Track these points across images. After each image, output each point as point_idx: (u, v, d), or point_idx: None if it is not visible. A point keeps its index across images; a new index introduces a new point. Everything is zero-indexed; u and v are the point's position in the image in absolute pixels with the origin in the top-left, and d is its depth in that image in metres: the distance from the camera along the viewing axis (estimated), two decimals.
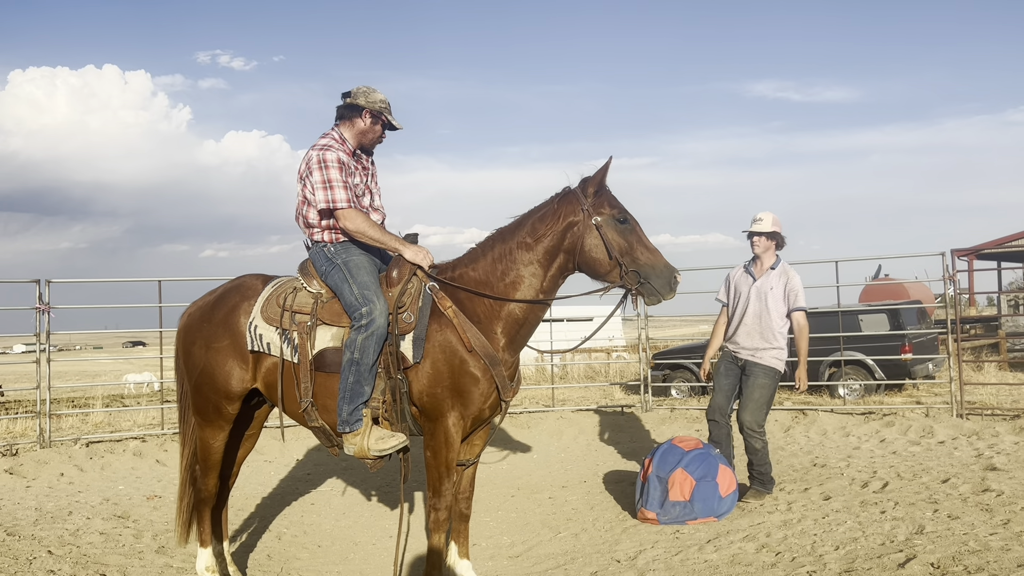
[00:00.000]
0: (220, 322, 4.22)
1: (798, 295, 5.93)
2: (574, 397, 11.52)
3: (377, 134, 4.21)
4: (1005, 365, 14.52)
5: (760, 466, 5.91)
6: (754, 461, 5.93)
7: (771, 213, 6.06)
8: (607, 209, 3.85)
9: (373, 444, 3.82)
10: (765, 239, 6.02)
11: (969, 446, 7.26)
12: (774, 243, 6.05)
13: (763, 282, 6.01)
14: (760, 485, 5.93)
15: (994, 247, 24.76)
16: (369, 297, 3.83)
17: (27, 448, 8.09)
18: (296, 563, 5.08)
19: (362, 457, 3.86)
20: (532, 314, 3.95)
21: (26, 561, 4.77)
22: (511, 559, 5.03)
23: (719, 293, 6.42)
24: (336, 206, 3.97)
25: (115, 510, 6.17)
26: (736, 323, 6.10)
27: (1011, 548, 4.15)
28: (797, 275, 6.03)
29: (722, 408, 6.06)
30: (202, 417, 4.29)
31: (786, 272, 6.02)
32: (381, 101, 4.12)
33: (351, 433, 3.84)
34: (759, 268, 6.09)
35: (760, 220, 6.03)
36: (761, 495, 5.88)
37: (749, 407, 5.87)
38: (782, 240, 6.09)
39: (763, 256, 6.07)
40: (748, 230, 6.08)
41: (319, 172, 3.98)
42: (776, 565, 4.35)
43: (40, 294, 8.30)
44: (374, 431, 3.84)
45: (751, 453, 5.91)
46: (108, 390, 18.67)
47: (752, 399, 5.87)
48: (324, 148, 4.04)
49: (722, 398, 6.08)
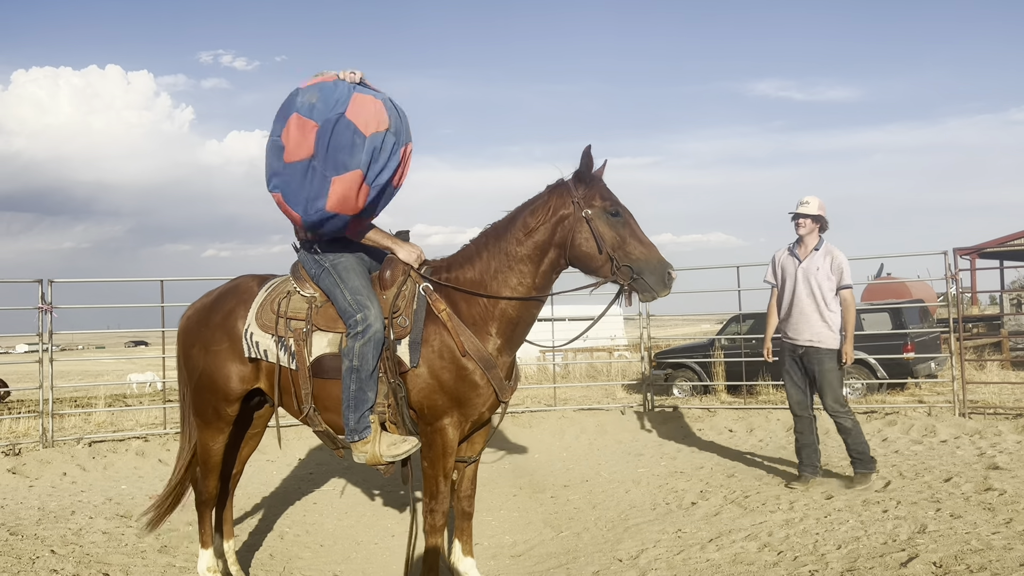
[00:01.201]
0: (217, 326, 4.20)
1: (843, 272, 6.05)
2: (576, 396, 11.52)
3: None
4: (1007, 364, 14.49)
5: (857, 445, 6.00)
6: (849, 442, 6.03)
7: (817, 197, 6.19)
8: (599, 201, 3.73)
9: (386, 450, 3.74)
10: (810, 221, 6.15)
11: (971, 445, 7.25)
12: (818, 226, 6.18)
13: (808, 263, 6.14)
14: (863, 467, 5.99)
15: (996, 246, 24.72)
16: (363, 303, 3.74)
17: (30, 448, 8.10)
18: (298, 562, 5.09)
19: (374, 464, 3.78)
20: (527, 312, 3.88)
21: (29, 560, 4.77)
22: (513, 558, 5.03)
23: (766, 275, 6.56)
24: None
25: (118, 510, 6.19)
26: (787, 307, 6.23)
27: (1014, 547, 4.14)
28: (842, 253, 6.13)
29: (801, 401, 6.24)
30: (202, 419, 4.29)
31: (830, 251, 6.13)
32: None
33: (360, 441, 3.76)
34: (803, 250, 6.22)
35: (806, 203, 6.16)
36: (867, 477, 5.93)
37: (827, 392, 6.03)
38: (826, 223, 6.22)
39: (807, 238, 6.20)
40: (794, 211, 6.21)
41: None
42: (778, 564, 4.35)
43: (43, 294, 8.31)
44: (384, 437, 3.78)
45: (844, 433, 6.04)
46: (110, 390, 18.68)
47: (827, 384, 6.02)
48: None
49: (797, 392, 6.25)
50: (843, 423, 6.01)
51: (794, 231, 6.26)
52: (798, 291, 6.13)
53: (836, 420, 6.04)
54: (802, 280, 6.12)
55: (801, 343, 6.12)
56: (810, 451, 6.22)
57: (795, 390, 6.24)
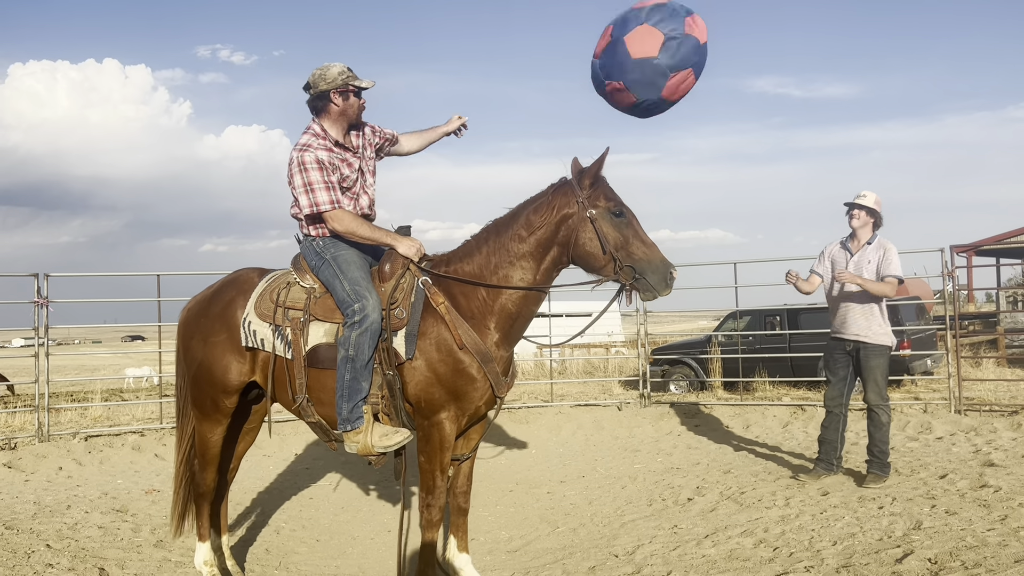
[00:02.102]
0: (217, 316, 4.22)
1: (891, 263, 5.94)
2: (572, 392, 11.52)
3: (355, 106, 4.06)
4: (1003, 361, 14.52)
5: (880, 444, 5.95)
6: (876, 437, 5.97)
7: (875, 192, 6.13)
8: (603, 202, 3.75)
9: (377, 441, 3.76)
10: (865, 214, 6.09)
11: (967, 442, 7.27)
12: (872, 220, 6.11)
13: (860, 257, 6.07)
14: (878, 469, 5.95)
15: (993, 243, 24.74)
16: (361, 293, 3.77)
17: (26, 442, 8.09)
18: (294, 557, 5.09)
19: (365, 454, 3.81)
20: (525, 308, 3.89)
21: (24, 555, 4.77)
22: (509, 553, 5.03)
23: (815, 265, 6.40)
24: (320, 209, 3.90)
25: (113, 504, 6.18)
26: (836, 301, 6.14)
27: (1008, 544, 4.15)
28: (894, 247, 6.06)
29: (835, 398, 6.19)
30: (200, 411, 4.29)
31: (882, 245, 6.06)
32: (340, 74, 3.97)
33: (353, 431, 3.78)
34: (856, 244, 6.16)
35: (864, 196, 6.11)
36: (880, 478, 5.89)
37: (872, 388, 5.98)
38: (880, 219, 6.15)
39: (860, 231, 6.13)
40: (850, 202, 6.15)
41: (299, 175, 3.90)
42: (774, 560, 4.36)
43: (39, 288, 8.29)
44: (376, 428, 3.80)
45: (875, 427, 5.97)
46: (107, 384, 18.67)
47: (873, 379, 5.97)
48: (303, 148, 3.93)
49: (837, 390, 6.19)
50: (880, 417, 5.95)
51: (847, 224, 6.18)
52: (847, 285, 6.00)
53: (875, 414, 5.96)
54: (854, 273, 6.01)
55: (848, 337, 6.06)
56: (829, 448, 6.20)
57: (836, 387, 6.18)
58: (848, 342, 6.08)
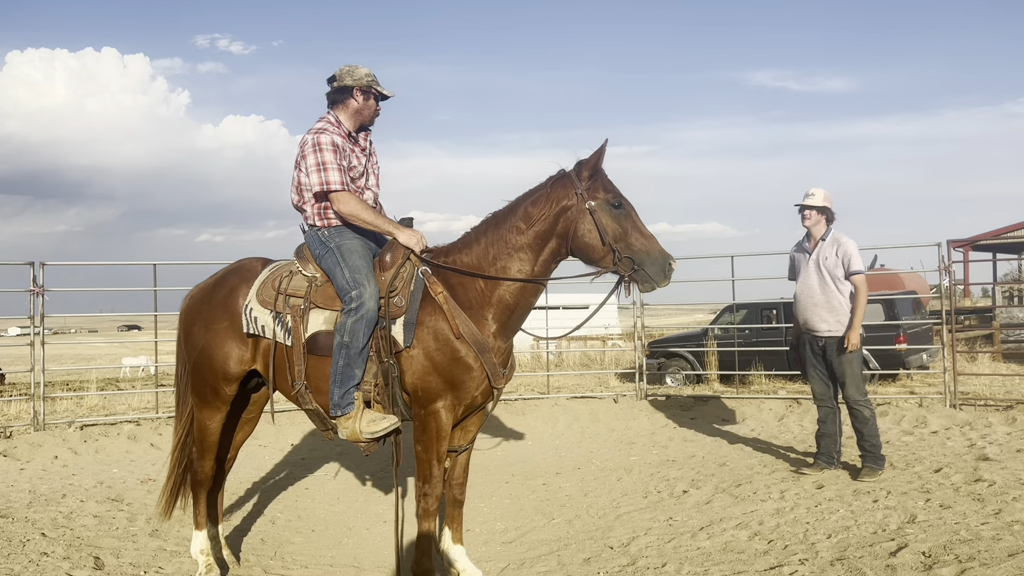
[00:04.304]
0: (219, 304, 4.25)
1: (851, 259, 6.05)
2: (569, 384, 11.53)
3: (372, 108, 4.22)
4: (999, 356, 14.55)
5: (870, 438, 6.00)
6: (864, 432, 6.01)
7: (823, 189, 6.22)
8: (602, 193, 3.77)
9: (365, 427, 3.80)
10: (816, 212, 6.19)
11: (962, 436, 7.29)
12: (824, 216, 6.20)
13: (817, 253, 6.18)
14: (872, 462, 5.98)
15: (990, 238, 24.79)
16: (360, 281, 3.82)
17: (21, 431, 8.08)
18: (290, 547, 5.09)
19: (355, 440, 3.85)
20: (523, 299, 3.91)
21: (19, 543, 4.77)
22: (505, 545, 5.04)
23: (789, 274, 6.58)
24: (330, 188, 3.96)
25: (109, 493, 6.18)
26: (804, 300, 6.23)
27: (1002, 538, 4.17)
28: (850, 240, 6.13)
29: (823, 393, 6.27)
30: (200, 398, 4.30)
31: (837, 240, 6.14)
32: (367, 75, 4.13)
33: (343, 416, 3.84)
34: (812, 242, 6.26)
35: (812, 195, 6.20)
36: (875, 472, 5.91)
37: (849, 383, 6.04)
38: (832, 215, 6.23)
39: (813, 229, 6.24)
40: (799, 203, 6.24)
41: (313, 155, 3.98)
42: (768, 553, 4.37)
43: (35, 277, 8.26)
44: (366, 414, 3.84)
45: (860, 423, 6.02)
46: (103, 373, 18.64)
47: (848, 375, 6.03)
48: (319, 131, 4.04)
49: (820, 385, 6.27)
50: (862, 412, 6.00)
51: (800, 224, 6.27)
52: (811, 283, 6.14)
53: (856, 410, 6.02)
54: (814, 271, 6.14)
55: (820, 334, 6.13)
56: (829, 441, 6.24)
57: (816, 382, 6.27)
58: (820, 338, 6.15)
